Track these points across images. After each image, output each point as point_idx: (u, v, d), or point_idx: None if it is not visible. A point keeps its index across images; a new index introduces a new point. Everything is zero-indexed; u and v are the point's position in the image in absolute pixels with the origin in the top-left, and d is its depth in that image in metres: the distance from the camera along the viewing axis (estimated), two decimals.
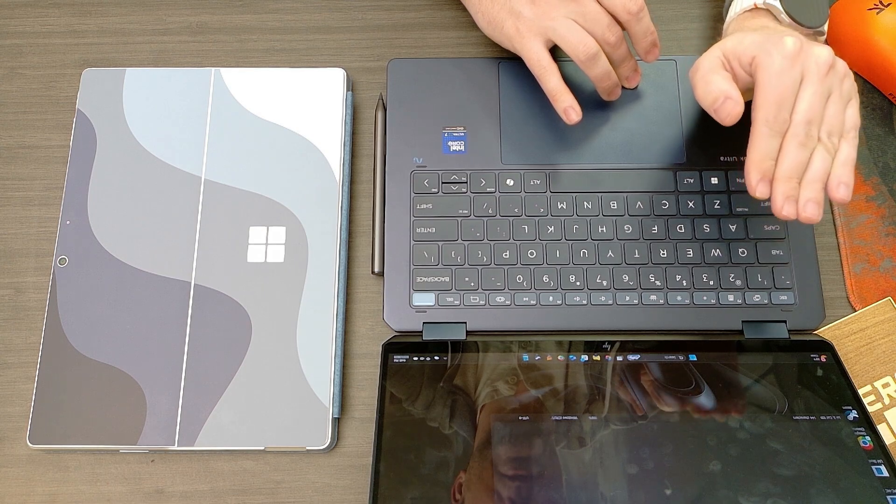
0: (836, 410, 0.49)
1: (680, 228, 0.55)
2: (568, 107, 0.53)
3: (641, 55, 0.54)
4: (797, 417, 0.48)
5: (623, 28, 0.53)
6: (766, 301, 0.53)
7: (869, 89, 0.60)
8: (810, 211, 0.46)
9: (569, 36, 0.52)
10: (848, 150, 0.47)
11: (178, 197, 0.55)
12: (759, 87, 0.46)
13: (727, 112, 0.47)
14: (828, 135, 0.46)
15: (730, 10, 0.55)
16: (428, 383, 0.50)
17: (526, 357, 0.51)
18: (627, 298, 0.53)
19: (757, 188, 0.46)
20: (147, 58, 0.61)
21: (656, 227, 0.55)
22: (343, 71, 0.59)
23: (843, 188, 0.46)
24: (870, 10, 0.59)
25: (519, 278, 0.54)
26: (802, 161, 0.46)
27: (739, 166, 0.56)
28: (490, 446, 0.47)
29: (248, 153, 0.56)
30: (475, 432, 0.48)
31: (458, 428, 0.48)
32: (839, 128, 0.47)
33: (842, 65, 0.47)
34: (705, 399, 0.49)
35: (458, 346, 0.52)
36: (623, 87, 0.57)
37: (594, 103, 0.58)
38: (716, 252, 0.54)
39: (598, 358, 0.51)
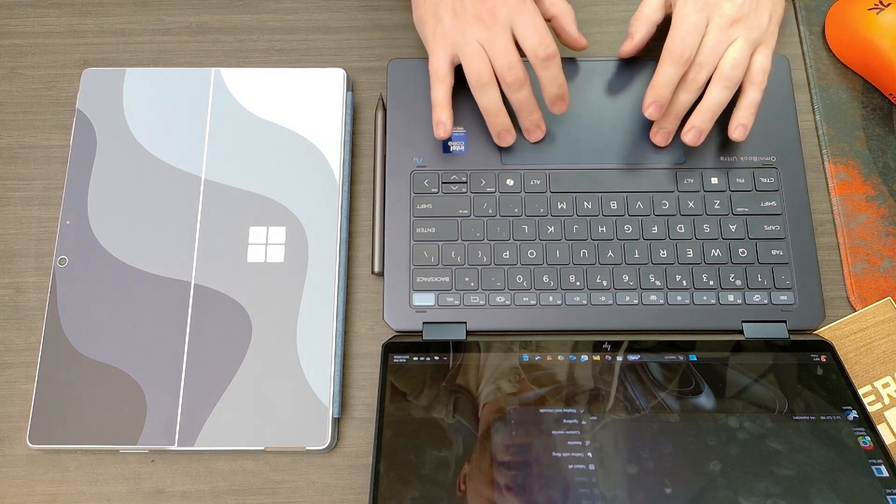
0: (836, 410, 0.49)
1: (680, 228, 0.55)
2: (439, 121, 0.54)
3: (547, 104, 0.54)
4: (797, 417, 0.49)
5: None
6: (766, 301, 0.53)
7: (869, 89, 0.60)
8: (689, 137, 0.54)
9: (469, 58, 0.52)
10: (753, 95, 0.54)
11: (178, 197, 0.55)
12: (672, 23, 0.53)
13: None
14: (727, 75, 0.52)
15: None
16: (428, 383, 0.50)
17: (526, 357, 0.51)
18: (627, 298, 0.53)
19: (647, 109, 0.54)
20: (147, 58, 0.61)
21: (656, 227, 0.55)
22: (343, 71, 0.59)
23: (740, 129, 0.54)
24: (870, 10, 0.59)
25: (519, 278, 0.54)
26: (684, 101, 0.54)
27: (739, 166, 0.56)
28: (490, 447, 0.47)
29: (248, 153, 0.56)
30: (475, 433, 0.48)
31: (459, 428, 0.48)
32: (737, 69, 0.52)
33: (754, 17, 0.53)
34: (705, 399, 0.49)
35: (458, 346, 0.52)
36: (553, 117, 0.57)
37: (594, 103, 0.58)
38: (716, 252, 0.54)
39: (597, 358, 0.51)
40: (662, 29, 0.55)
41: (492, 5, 0.51)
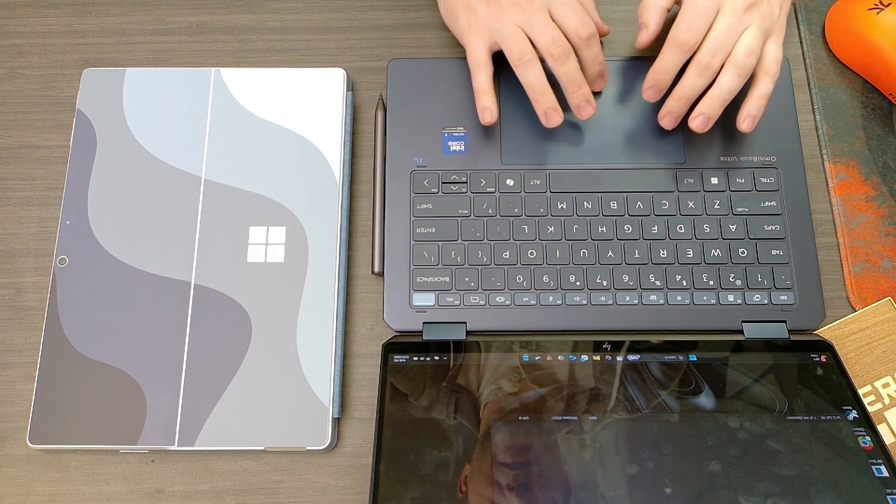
0: (836, 410, 0.49)
1: (680, 228, 0.55)
2: (485, 107, 0.55)
3: (589, 83, 0.55)
4: (797, 417, 0.49)
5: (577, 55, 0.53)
6: (765, 301, 0.53)
7: (869, 89, 0.60)
8: (696, 123, 0.53)
9: (509, 39, 0.53)
10: (766, 86, 0.53)
11: (178, 197, 0.55)
12: (682, 7, 0.52)
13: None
14: (741, 63, 0.51)
15: None
16: (428, 383, 0.50)
17: (526, 357, 0.51)
18: (627, 298, 0.53)
19: (645, 92, 0.54)
20: (147, 58, 0.61)
21: (656, 227, 0.55)
22: (343, 71, 0.59)
23: (749, 120, 0.53)
24: (870, 10, 0.59)
25: (519, 278, 0.54)
26: (696, 86, 0.52)
27: (739, 166, 0.56)
28: (490, 447, 0.47)
29: (248, 153, 0.56)
30: (475, 433, 0.48)
31: (458, 428, 0.48)
32: (751, 57, 0.51)
33: (766, 5, 0.52)
34: (705, 399, 0.49)
35: (458, 347, 0.52)
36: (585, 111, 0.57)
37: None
38: (716, 252, 0.54)
39: (597, 358, 0.51)
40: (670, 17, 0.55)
41: None
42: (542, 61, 0.53)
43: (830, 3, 0.62)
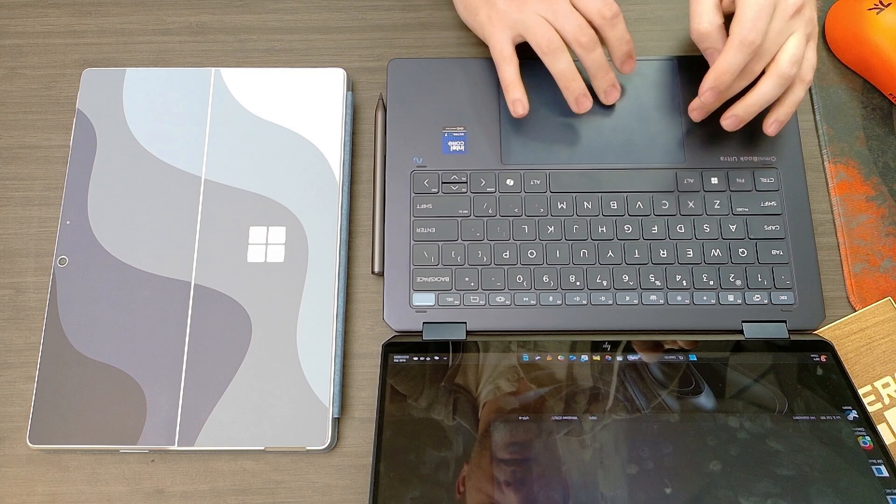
0: (836, 410, 0.49)
1: (680, 228, 0.55)
2: (516, 99, 0.54)
3: (617, 65, 0.55)
4: (797, 417, 0.49)
5: (599, 36, 0.53)
6: (765, 301, 0.53)
7: (869, 89, 0.60)
8: (728, 122, 0.53)
9: (535, 28, 0.53)
10: (799, 93, 0.53)
11: (178, 197, 0.55)
12: (738, 6, 0.49)
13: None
14: (785, 72, 0.50)
15: None
16: (428, 383, 0.50)
17: (526, 357, 0.51)
18: (627, 298, 0.53)
19: (703, 94, 0.52)
20: (147, 58, 0.61)
21: (656, 227, 0.55)
22: (343, 71, 0.59)
23: (776, 125, 0.53)
24: (870, 10, 0.59)
25: (519, 278, 0.54)
26: (737, 88, 0.52)
27: (739, 166, 0.56)
28: (490, 446, 0.47)
29: (248, 153, 0.57)
30: (475, 433, 0.48)
31: (458, 428, 0.48)
32: (795, 67, 0.51)
33: (809, 9, 0.52)
34: (705, 399, 0.49)
35: (458, 347, 0.52)
36: (601, 103, 0.57)
37: (594, 103, 0.58)
38: (716, 252, 0.54)
39: (597, 358, 0.51)
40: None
41: None
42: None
43: (830, 3, 0.62)
